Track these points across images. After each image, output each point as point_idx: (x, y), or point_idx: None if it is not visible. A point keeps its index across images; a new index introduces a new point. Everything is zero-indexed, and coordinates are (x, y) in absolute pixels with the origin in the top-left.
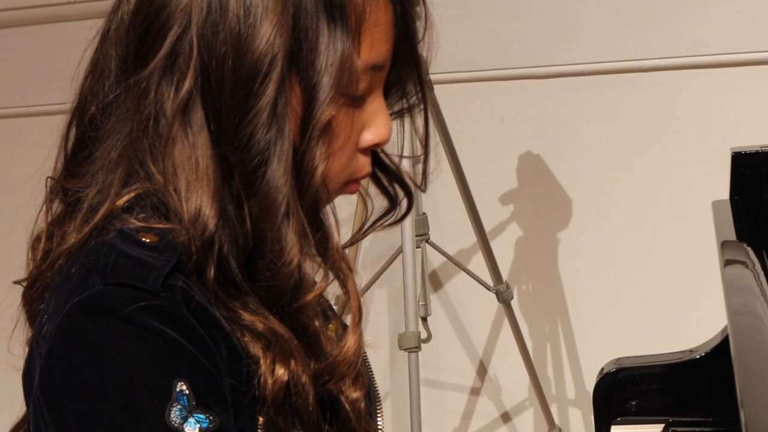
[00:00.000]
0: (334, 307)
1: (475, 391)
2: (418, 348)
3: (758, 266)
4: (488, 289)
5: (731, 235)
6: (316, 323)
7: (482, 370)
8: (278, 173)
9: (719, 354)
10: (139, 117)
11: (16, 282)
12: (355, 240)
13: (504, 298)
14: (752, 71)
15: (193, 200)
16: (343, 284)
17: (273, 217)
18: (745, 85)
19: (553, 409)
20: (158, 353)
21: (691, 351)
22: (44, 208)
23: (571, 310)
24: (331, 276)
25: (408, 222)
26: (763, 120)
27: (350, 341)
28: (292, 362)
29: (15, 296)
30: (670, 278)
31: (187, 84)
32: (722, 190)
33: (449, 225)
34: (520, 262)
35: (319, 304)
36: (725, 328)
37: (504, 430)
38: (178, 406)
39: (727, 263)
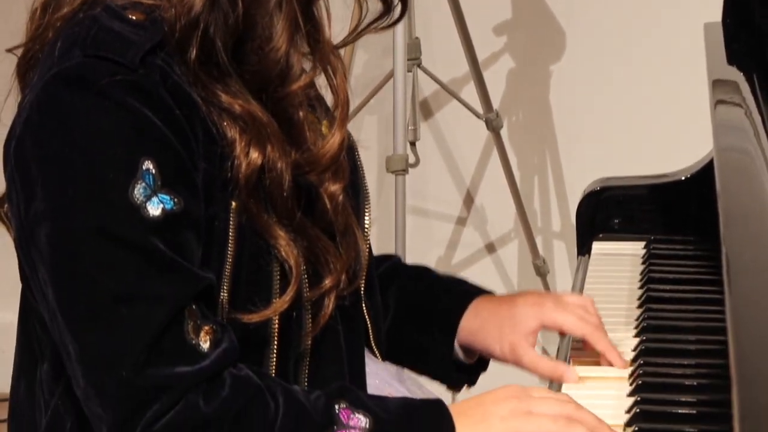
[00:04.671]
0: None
1: (461, 221)
2: (405, 171)
3: (751, 103)
4: (478, 117)
5: (722, 57)
6: (301, 114)
7: (469, 200)
8: None
9: (705, 176)
10: None
11: (9, 50)
12: (348, 41)
13: (493, 126)
14: None
15: None
16: (332, 77)
17: (266, 2)
18: None
19: (538, 241)
20: (129, 130)
21: (676, 173)
22: None
23: (561, 144)
24: (319, 69)
25: (400, 45)
26: None
27: (336, 136)
28: (268, 147)
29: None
30: (661, 108)
31: None
32: (716, 17)
33: (442, 52)
34: (511, 93)
35: (307, 97)
36: (711, 151)
37: (488, 260)
38: (143, 184)
39: (718, 103)
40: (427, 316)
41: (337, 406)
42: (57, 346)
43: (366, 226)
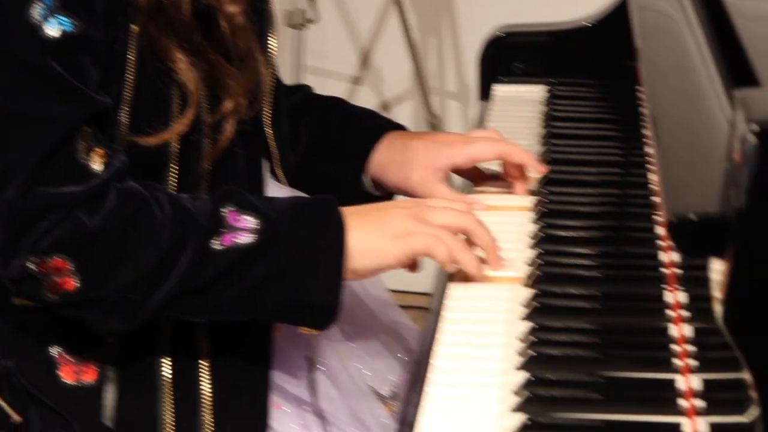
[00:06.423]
0: None
1: (357, 80)
2: (303, 25)
3: None
4: None
5: None
6: None
7: (365, 59)
8: None
9: (608, 22)
10: None
11: None
12: None
13: None
14: None
15: None
16: None
17: None
18: None
19: (434, 101)
20: None
21: (579, 19)
22: None
23: (461, 4)
24: None
25: None
26: None
27: None
28: None
29: None
30: None
31: None
32: None
33: None
34: None
35: None
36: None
37: None
38: (40, 4)
39: None
40: (338, 149)
41: (223, 210)
42: None
43: (271, 51)
